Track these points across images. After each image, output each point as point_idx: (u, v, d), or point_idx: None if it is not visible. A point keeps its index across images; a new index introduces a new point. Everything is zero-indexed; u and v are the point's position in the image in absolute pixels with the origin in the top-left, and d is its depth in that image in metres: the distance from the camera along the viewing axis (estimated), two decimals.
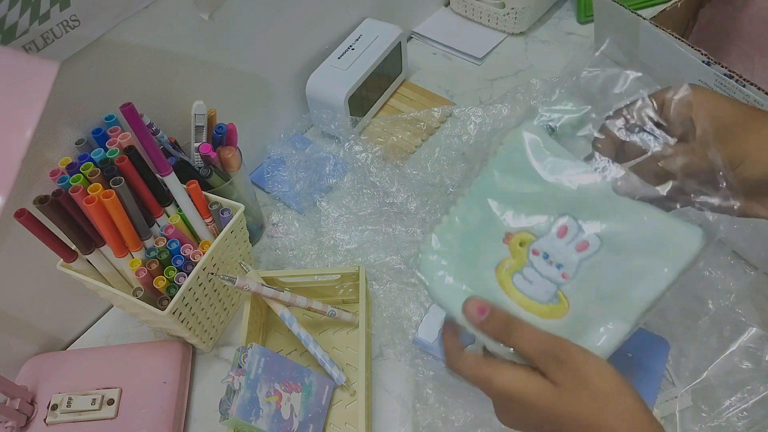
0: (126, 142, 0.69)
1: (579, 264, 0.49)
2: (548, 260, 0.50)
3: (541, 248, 0.50)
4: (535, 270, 0.50)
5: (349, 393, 0.78)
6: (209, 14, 0.79)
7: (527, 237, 0.51)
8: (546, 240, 0.50)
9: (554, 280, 0.50)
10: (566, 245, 0.50)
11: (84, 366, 0.79)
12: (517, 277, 0.50)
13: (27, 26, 0.60)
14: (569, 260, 0.49)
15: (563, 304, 0.49)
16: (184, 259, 0.73)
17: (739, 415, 0.69)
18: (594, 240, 0.49)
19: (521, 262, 0.51)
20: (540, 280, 0.50)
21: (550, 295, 0.49)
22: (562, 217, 0.50)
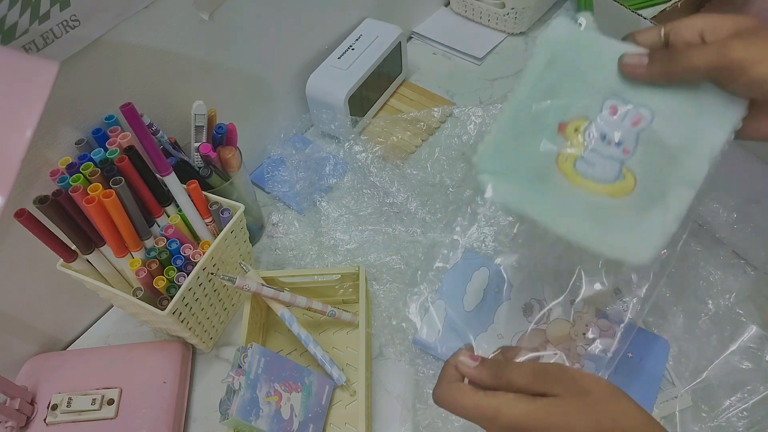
0: (126, 142, 0.69)
1: (637, 137, 0.51)
2: (606, 140, 0.52)
3: (598, 130, 0.52)
4: (596, 152, 0.52)
5: (349, 393, 0.78)
6: (209, 14, 0.79)
7: (581, 122, 0.53)
8: (600, 121, 0.52)
9: (616, 157, 0.51)
10: (621, 122, 0.52)
11: (84, 366, 0.79)
12: (579, 164, 0.52)
13: (27, 26, 0.60)
14: (627, 135, 0.51)
15: (630, 179, 0.51)
16: (184, 259, 0.73)
17: (739, 415, 0.69)
18: (645, 112, 0.51)
19: (580, 148, 0.52)
20: (602, 160, 0.51)
21: (615, 173, 0.51)
22: (609, 99, 0.52)
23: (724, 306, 0.76)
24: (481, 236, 0.88)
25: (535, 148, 0.53)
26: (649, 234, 0.49)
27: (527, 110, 0.53)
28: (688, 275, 0.78)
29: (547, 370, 0.47)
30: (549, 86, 0.53)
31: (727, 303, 0.76)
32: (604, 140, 0.52)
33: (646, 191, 0.50)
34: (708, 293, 0.76)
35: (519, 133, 0.53)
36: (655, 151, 0.50)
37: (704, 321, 0.75)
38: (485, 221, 0.86)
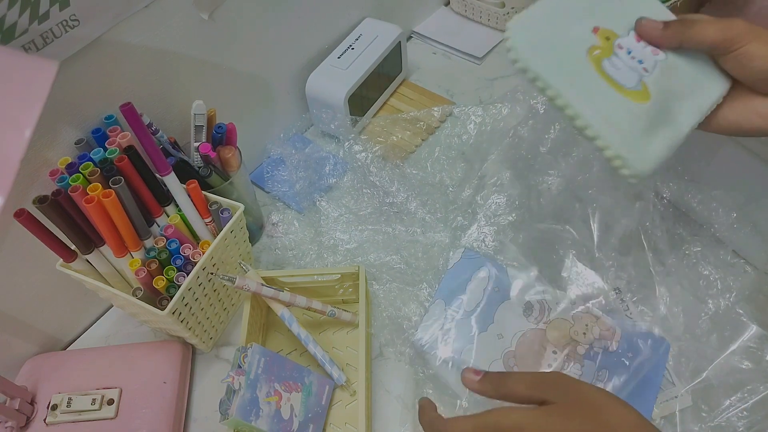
0: (125, 141, 0.69)
1: (655, 63, 0.59)
2: (631, 55, 0.59)
3: (625, 44, 0.59)
4: (621, 60, 0.58)
5: (349, 393, 0.78)
6: (209, 14, 0.79)
7: (612, 34, 0.59)
8: (627, 40, 0.60)
9: (637, 70, 0.58)
10: (643, 47, 0.59)
11: (84, 366, 0.79)
12: (606, 63, 0.58)
13: (26, 26, 0.60)
14: (647, 58, 0.59)
15: (646, 92, 0.57)
16: (183, 259, 0.73)
17: (739, 414, 0.69)
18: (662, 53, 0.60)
19: (609, 51, 0.58)
20: (626, 68, 0.58)
21: (635, 82, 0.57)
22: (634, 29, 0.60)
23: (724, 306, 0.75)
24: (481, 236, 0.88)
25: (571, 33, 0.58)
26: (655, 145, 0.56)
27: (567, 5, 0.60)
28: (688, 275, 0.78)
29: (546, 378, 0.49)
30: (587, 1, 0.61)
31: (727, 303, 0.76)
32: (629, 54, 0.58)
33: (656, 108, 0.57)
34: (708, 293, 0.76)
35: (557, 16, 0.59)
36: (668, 78, 0.58)
37: (704, 321, 0.75)
38: (485, 221, 0.86)
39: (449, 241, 0.89)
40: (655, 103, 0.57)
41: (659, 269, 0.77)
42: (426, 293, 0.84)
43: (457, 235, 0.89)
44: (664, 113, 0.57)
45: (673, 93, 0.58)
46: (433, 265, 0.87)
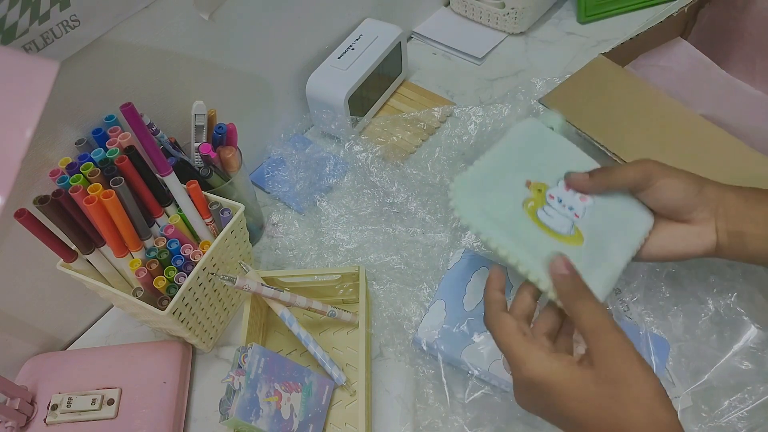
0: (126, 142, 0.69)
1: (584, 208, 0.63)
2: (562, 203, 0.63)
3: (555, 194, 0.64)
4: (553, 209, 0.62)
5: (349, 393, 0.78)
6: (209, 14, 0.79)
7: (543, 185, 0.64)
8: (556, 190, 0.64)
9: (569, 216, 0.62)
10: (572, 195, 0.64)
11: (84, 366, 0.79)
12: (540, 213, 0.61)
13: (27, 26, 0.60)
14: (577, 205, 0.63)
15: (579, 235, 0.61)
16: (184, 259, 0.73)
17: (739, 415, 0.69)
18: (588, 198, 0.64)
19: (542, 202, 0.62)
20: (558, 215, 0.62)
21: (568, 228, 0.61)
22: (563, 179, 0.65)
23: (725, 306, 0.75)
24: None
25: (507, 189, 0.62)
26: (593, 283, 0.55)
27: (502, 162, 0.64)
28: (688, 275, 0.78)
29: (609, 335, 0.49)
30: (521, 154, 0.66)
31: (727, 303, 0.75)
32: (560, 203, 0.63)
33: (590, 250, 0.60)
34: (708, 293, 0.76)
35: (493, 174, 0.63)
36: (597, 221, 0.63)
37: (704, 321, 0.75)
38: None
39: (449, 241, 0.89)
40: (588, 245, 0.60)
41: (659, 269, 0.78)
42: (426, 293, 0.84)
43: (457, 236, 0.89)
44: (598, 253, 0.60)
45: (605, 233, 0.62)
46: (433, 266, 0.87)
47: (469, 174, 0.62)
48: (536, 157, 0.66)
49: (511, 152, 0.66)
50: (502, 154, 0.65)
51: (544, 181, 0.64)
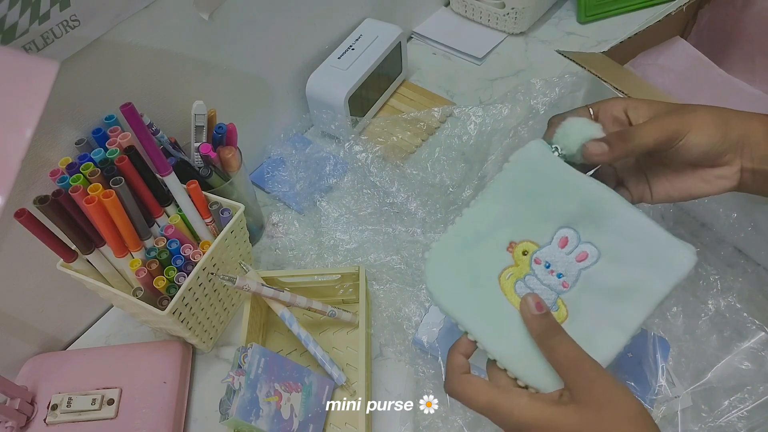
0: (126, 142, 0.69)
1: (578, 274, 0.53)
2: (549, 269, 0.54)
3: (543, 257, 0.54)
4: (537, 278, 0.54)
5: (349, 393, 0.78)
6: (209, 14, 0.79)
7: (530, 246, 0.54)
8: (548, 250, 0.54)
9: (554, 288, 0.53)
10: (566, 255, 0.53)
11: (84, 366, 0.79)
12: (519, 284, 0.54)
13: (27, 26, 0.60)
14: (569, 270, 0.53)
15: (563, 312, 0.53)
16: (184, 259, 0.73)
17: (739, 415, 0.69)
18: (593, 251, 0.53)
19: (523, 271, 0.54)
20: (541, 287, 0.53)
21: (549, 303, 0.52)
22: (563, 229, 0.54)
23: (725, 306, 0.75)
24: None
25: (483, 260, 0.55)
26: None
27: (485, 220, 0.55)
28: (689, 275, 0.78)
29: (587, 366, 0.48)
30: (511, 203, 0.55)
31: (727, 303, 0.76)
32: (548, 268, 0.54)
33: (576, 328, 0.51)
34: (708, 293, 0.76)
35: (472, 241, 0.55)
36: (592, 291, 0.52)
37: (704, 321, 0.75)
38: None
39: None
40: (571, 322, 0.52)
41: None
42: (426, 293, 0.84)
43: None
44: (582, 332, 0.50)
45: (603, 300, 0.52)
46: None
47: (447, 240, 0.56)
48: (532, 202, 0.55)
49: (500, 200, 0.55)
50: (489, 203, 0.56)
51: (534, 239, 0.54)
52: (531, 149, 0.55)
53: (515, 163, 0.55)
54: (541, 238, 0.54)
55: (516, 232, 0.55)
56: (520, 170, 0.55)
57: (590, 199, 0.53)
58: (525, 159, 0.55)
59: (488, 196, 0.56)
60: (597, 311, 0.52)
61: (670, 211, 0.80)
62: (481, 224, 0.55)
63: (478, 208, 0.56)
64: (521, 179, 0.55)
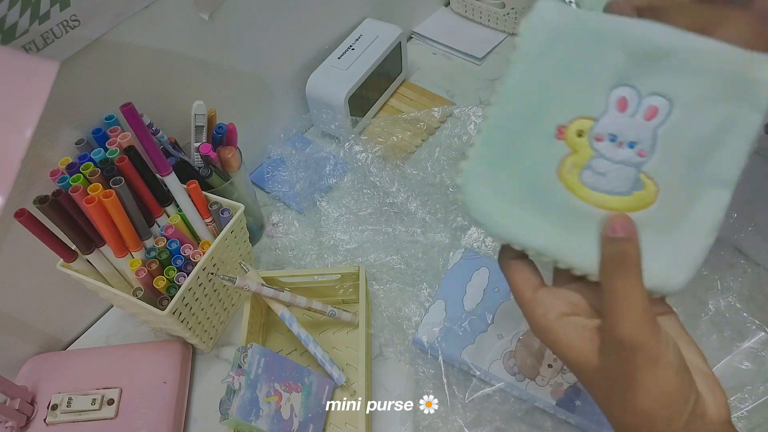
0: (126, 142, 0.69)
1: (654, 134, 0.42)
2: (617, 142, 0.43)
3: (605, 130, 0.43)
4: (605, 158, 0.43)
5: (349, 393, 0.78)
6: (209, 14, 0.79)
7: (584, 123, 0.44)
8: (607, 119, 0.43)
9: (631, 162, 0.43)
10: (632, 118, 0.43)
11: (84, 366, 0.79)
12: (587, 174, 0.43)
13: (27, 26, 0.60)
14: (641, 133, 0.42)
15: (650, 187, 0.43)
16: (184, 259, 0.73)
17: (739, 415, 0.69)
18: (661, 102, 0.42)
19: (586, 155, 0.43)
20: (614, 168, 0.43)
21: (631, 182, 0.43)
22: (617, 89, 0.43)
23: (725, 306, 0.75)
24: (481, 236, 0.88)
25: (531, 160, 0.45)
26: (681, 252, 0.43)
27: (516, 114, 0.45)
28: None
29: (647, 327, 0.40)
30: (541, 83, 0.44)
31: (727, 303, 0.76)
32: (614, 142, 0.43)
33: (672, 200, 0.42)
34: (708, 293, 0.76)
35: (508, 144, 0.45)
36: (677, 150, 0.42)
37: (704, 321, 0.75)
38: None
39: (449, 241, 0.89)
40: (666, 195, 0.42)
41: None
42: (426, 293, 0.84)
43: (457, 236, 0.89)
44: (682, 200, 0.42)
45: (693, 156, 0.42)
46: (433, 266, 0.87)
47: (478, 153, 0.46)
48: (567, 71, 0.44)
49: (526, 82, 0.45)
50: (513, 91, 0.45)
51: (586, 113, 0.43)
52: (542, 9, 0.44)
53: (528, 33, 0.44)
54: (594, 108, 0.43)
55: (560, 112, 0.44)
56: (539, 38, 0.44)
57: (637, 42, 0.42)
58: (539, 23, 0.44)
59: (509, 84, 0.45)
60: (691, 171, 0.42)
61: None
62: (513, 120, 0.45)
63: (504, 100, 0.46)
64: (543, 48, 0.44)
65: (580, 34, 0.43)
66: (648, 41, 0.41)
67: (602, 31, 0.42)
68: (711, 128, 0.41)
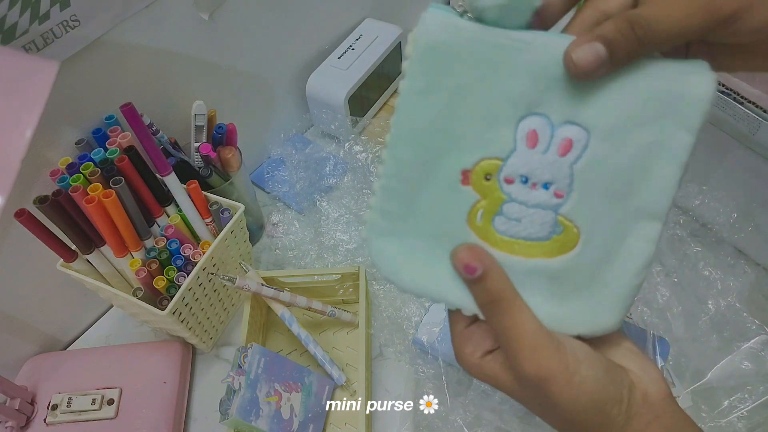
0: (126, 142, 0.69)
1: (570, 172, 0.37)
2: (529, 183, 0.37)
3: (515, 171, 0.37)
4: (518, 202, 0.38)
5: (349, 393, 0.78)
6: (209, 14, 0.79)
7: (491, 165, 0.38)
8: (516, 158, 0.37)
9: (547, 204, 0.37)
10: (544, 154, 0.37)
11: (84, 366, 0.79)
12: (499, 221, 0.38)
13: (27, 26, 0.60)
14: (556, 172, 0.37)
15: (570, 230, 0.38)
16: (184, 259, 0.73)
17: (739, 415, 0.69)
18: (576, 132, 0.36)
19: (497, 200, 0.38)
20: (529, 212, 0.38)
21: (549, 226, 0.38)
22: (524, 120, 0.36)
23: (725, 306, 0.75)
24: None
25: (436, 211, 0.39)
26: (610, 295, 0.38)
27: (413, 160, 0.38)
28: (689, 275, 0.78)
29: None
30: (437, 119, 0.37)
31: (727, 303, 0.75)
32: (526, 183, 0.37)
33: (596, 241, 0.37)
34: (708, 293, 0.76)
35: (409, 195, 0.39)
36: (597, 186, 0.36)
37: (704, 321, 0.75)
38: None
39: None
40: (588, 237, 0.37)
41: (659, 269, 0.77)
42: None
43: None
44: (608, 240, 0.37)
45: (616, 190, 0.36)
46: None
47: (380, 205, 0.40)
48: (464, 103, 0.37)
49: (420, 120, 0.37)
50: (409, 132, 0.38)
51: (492, 153, 0.37)
52: (429, 26, 0.36)
53: (416, 56, 0.37)
54: (500, 146, 0.37)
55: (463, 154, 0.38)
56: (428, 63, 0.37)
57: (544, 63, 0.35)
58: (427, 43, 0.36)
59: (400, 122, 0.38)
60: (615, 208, 0.37)
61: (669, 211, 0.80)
62: (410, 166, 0.38)
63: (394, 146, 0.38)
64: (435, 75, 0.37)
65: (478, 55, 0.36)
66: (555, 61, 0.35)
67: (503, 51, 0.35)
68: (634, 157, 0.35)
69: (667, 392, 0.39)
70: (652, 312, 0.75)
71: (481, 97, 0.36)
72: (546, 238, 0.38)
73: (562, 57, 0.34)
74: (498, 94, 0.36)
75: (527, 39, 0.35)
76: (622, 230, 0.37)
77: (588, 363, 0.37)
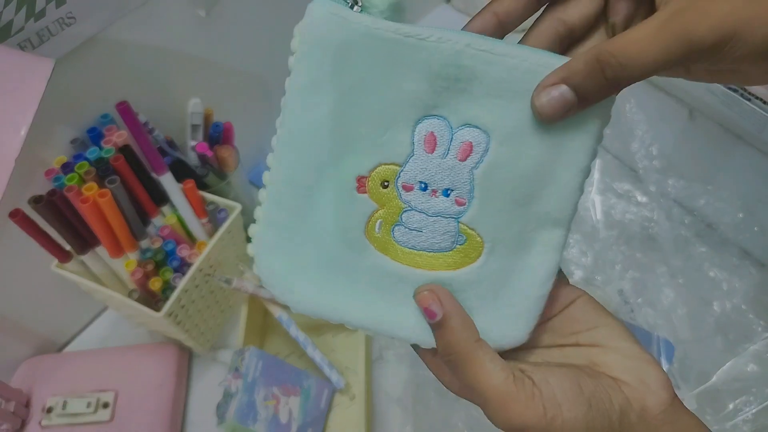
0: (121, 141, 0.68)
1: (471, 175, 0.35)
2: (429, 190, 0.36)
3: (414, 177, 0.36)
4: (418, 211, 0.36)
5: (349, 397, 0.77)
6: (206, 11, 0.78)
7: (388, 171, 0.36)
8: (414, 163, 0.35)
9: (448, 212, 0.36)
10: (443, 159, 0.35)
11: (79, 368, 0.79)
12: (399, 231, 0.37)
13: (22, 24, 0.59)
14: (456, 177, 0.35)
15: (474, 239, 0.36)
16: (180, 260, 0.72)
17: (745, 418, 0.68)
18: (476, 135, 0.35)
19: (396, 209, 0.36)
20: (429, 221, 0.36)
21: (452, 236, 0.36)
22: (422, 122, 0.35)
23: (730, 308, 0.75)
24: None
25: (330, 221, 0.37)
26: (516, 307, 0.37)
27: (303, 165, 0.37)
28: (694, 276, 0.78)
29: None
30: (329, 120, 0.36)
31: (732, 305, 0.75)
32: (426, 191, 0.36)
33: (501, 250, 0.36)
34: (713, 295, 0.76)
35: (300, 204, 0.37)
36: (499, 192, 0.35)
37: (709, 323, 0.75)
38: None
39: None
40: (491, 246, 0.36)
41: (664, 270, 0.77)
42: None
43: None
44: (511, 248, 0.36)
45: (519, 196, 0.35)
46: None
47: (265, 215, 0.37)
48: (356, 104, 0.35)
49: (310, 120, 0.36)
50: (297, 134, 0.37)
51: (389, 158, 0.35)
52: (315, 16, 0.34)
53: (303, 53, 0.35)
54: (397, 151, 0.35)
55: (358, 159, 0.36)
56: (315, 58, 0.35)
57: (443, 62, 0.33)
58: (314, 37, 0.34)
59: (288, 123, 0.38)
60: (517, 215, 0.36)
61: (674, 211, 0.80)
62: (300, 172, 0.36)
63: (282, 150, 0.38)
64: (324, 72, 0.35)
65: (371, 51, 0.34)
66: (454, 60, 0.33)
67: (396, 47, 0.34)
68: (535, 161, 0.34)
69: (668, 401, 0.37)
70: (656, 313, 0.75)
71: (375, 96, 0.35)
72: (449, 248, 0.36)
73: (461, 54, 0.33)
74: (394, 94, 0.34)
75: (423, 34, 0.33)
76: (526, 238, 0.36)
77: (568, 405, 0.35)
